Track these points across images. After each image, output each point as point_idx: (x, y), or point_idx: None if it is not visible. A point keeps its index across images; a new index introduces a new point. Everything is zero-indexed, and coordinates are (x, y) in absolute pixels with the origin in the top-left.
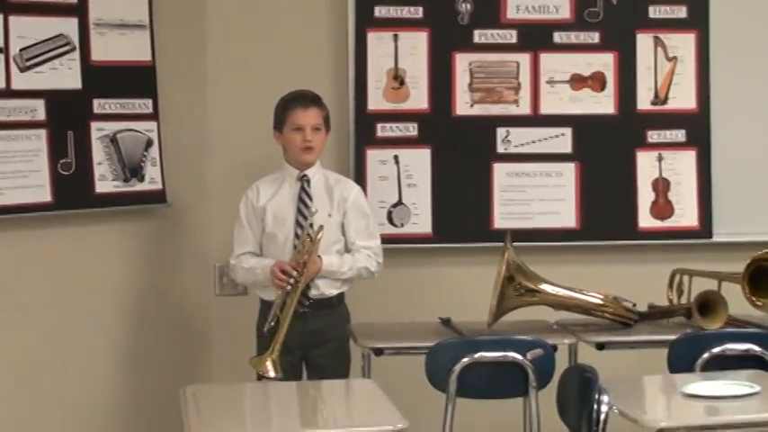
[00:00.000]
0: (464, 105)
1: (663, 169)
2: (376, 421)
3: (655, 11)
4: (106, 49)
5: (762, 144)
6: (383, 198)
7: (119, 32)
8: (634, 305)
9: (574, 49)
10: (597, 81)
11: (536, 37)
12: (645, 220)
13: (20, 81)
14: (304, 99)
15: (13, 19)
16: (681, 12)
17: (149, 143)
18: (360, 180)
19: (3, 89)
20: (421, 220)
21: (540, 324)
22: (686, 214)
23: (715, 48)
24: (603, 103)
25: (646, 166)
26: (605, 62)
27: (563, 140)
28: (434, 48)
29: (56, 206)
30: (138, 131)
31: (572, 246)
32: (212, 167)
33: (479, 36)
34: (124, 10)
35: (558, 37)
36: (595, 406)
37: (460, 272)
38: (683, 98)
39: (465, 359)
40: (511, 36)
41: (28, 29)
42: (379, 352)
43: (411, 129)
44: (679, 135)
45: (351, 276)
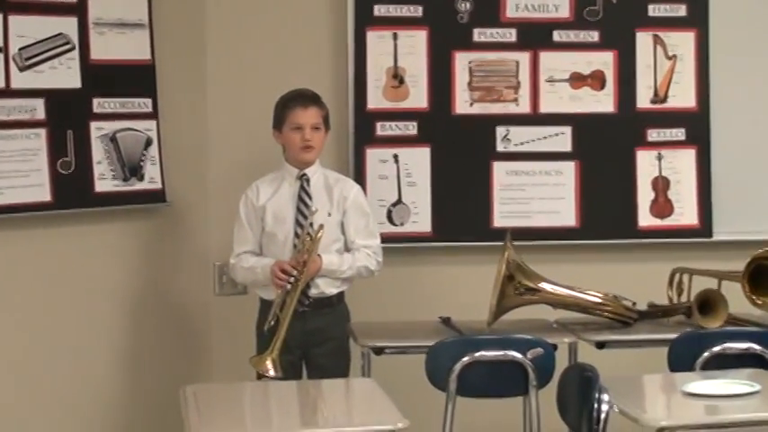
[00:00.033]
0: (464, 104)
1: (662, 168)
2: (376, 420)
3: (654, 9)
4: (106, 49)
5: (761, 142)
6: (383, 197)
7: (118, 31)
8: (634, 304)
9: (573, 48)
10: (597, 80)
11: (535, 36)
12: (645, 219)
13: (19, 80)
14: (303, 98)
15: (13, 18)
16: (680, 10)
17: (149, 142)
18: (359, 179)
19: (2, 88)
20: (420, 219)
21: (540, 323)
22: (686, 213)
23: (715, 46)
24: (603, 102)
25: (645, 165)
26: (605, 61)
27: (563, 139)
28: (434, 46)
29: (55, 205)
30: (138, 131)
31: (572, 244)
32: (212, 167)
33: (479, 35)
34: (123, 9)
35: (558, 35)
36: (596, 405)
37: (460, 271)
38: (683, 97)
39: (465, 358)
40: (510, 35)
41: (27, 28)
42: (379, 351)
43: (411, 127)
44: (679, 134)
45: (351, 275)
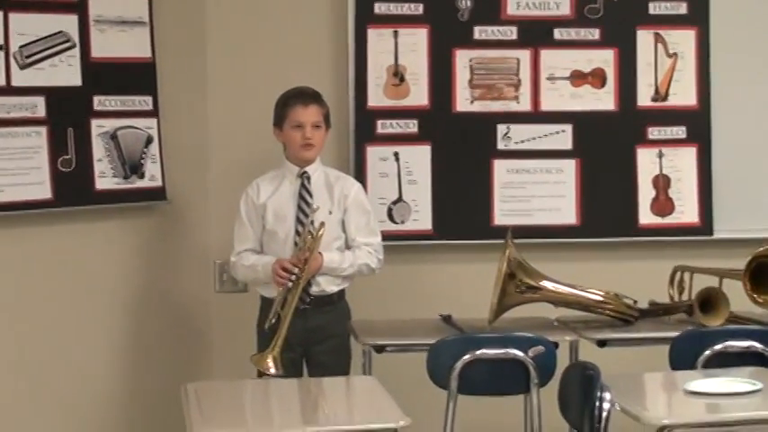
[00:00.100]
0: (464, 102)
1: (663, 166)
2: (378, 418)
3: (655, 7)
4: (106, 46)
5: (762, 140)
6: (383, 195)
7: (119, 29)
8: (635, 302)
9: (574, 46)
10: (597, 77)
11: (536, 33)
12: (645, 217)
13: (20, 78)
14: (304, 96)
15: (13, 16)
16: (681, 8)
17: (149, 140)
18: (360, 177)
19: (3, 86)
20: (421, 217)
21: (541, 321)
22: (687, 211)
23: (715, 44)
24: (604, 100)
25: (646, 163)
26: (605, 58)
27: (563, 137)
28: (434, 44)
29: (56, 203)
30: (139, 128)
31: (572, 242)
32: (212, 164)
33: (479, 32)
34: (124, 7)
35: (559, 33)
36: (597, 403)
37: (461, 268)
38: (684, 95)
39: (466, 356)
40: (511, 32)
41: (28, 26)
42: (380, 349)
43: (411, 125)
44: (679, 132)
45: (351, 273)
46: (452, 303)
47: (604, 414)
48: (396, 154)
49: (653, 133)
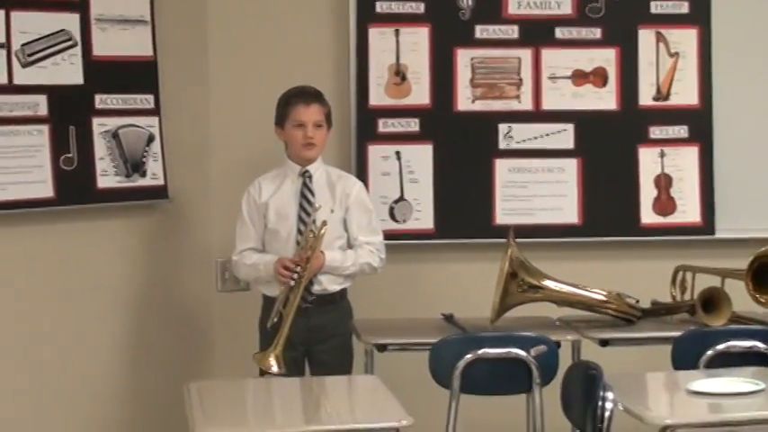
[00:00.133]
0: (466, 101)
1: (665, 165)
2: (380, 418)
3: (656, 6)
4: (108, 45)
5: (764, 140)
6: (385, 194)
7: (120, 28)
8: (637, 301)
9: (575, 45)
10: (599, 77)
11: (537, 32)
12: (647, 217)
13: (22, 76)
14: (305, 95)
15: (15, 14)
16: (683, 7)
17: (151, 138)
18: (361, 176)
19: (5, 84)
20: (423, 216)
21: (543, 320)
22: (689, 210)
23: (717, 43)
24: (605, 99)
25: (648, 162)
26: (607, 58)
27: (565, 136)
28: (436, 43)
29: (58, 201)
30: (140, 127)
31: (574, 242)
32: (214, 163)
33: (481, 31)
34: (125, 5)
35: (560, 32)
36: (600, 403)
37: (462, 268)
38: (686, 94)
39: (468, 355)
40: (512, 31)
41: (30, 24)
42: (382, 348)
43: (413, 124)
44: (681, 131)
45: (353, 272)
46: (454, 302)
47: (607, 414)
48: (397, 153)
49: (655, 133)
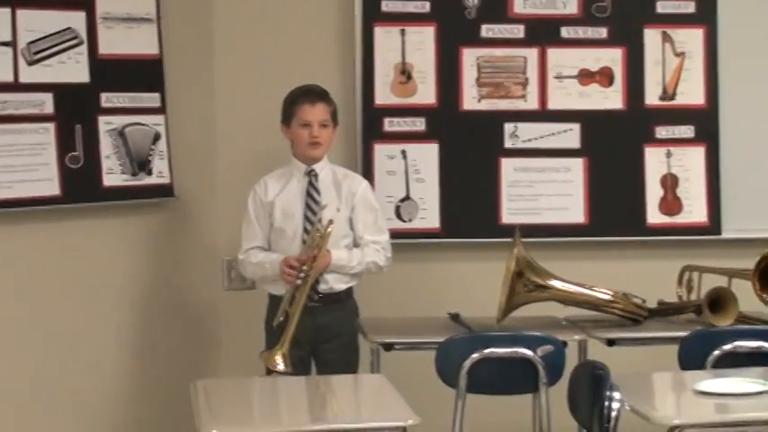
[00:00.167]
0: (471, 100)
1: (671, 165)
2: (386, 417)
3: (663, 6)
4: (114, 43)
5: None
6: (391, 193)
7: (126, 26)
8: (644, 301)
9: (581, 45)
10: (605, 76)
11: (543, 32)
12: (653, 217)
13: (28, 75)
14: (311, 95)
15: (21, 12)
16: (689, 7)
17: (157, 137)
18: (367, 175)
19: (11, 83)
20: (429, 215)
21: (549, 320)
22: (695, 210)
23: (723, 43)
24: (611, 99)
25: (654, 162)
26: (613, 57)
27: (571, 136)
28: (442, 42)
29: (64, 200)
30: (146, 125)
31: (580, 241)
32: (220, 161)
33: (487, 31)
34: (131, 4)
35: (566, 32)
36: (607, 403)
37: (468, 267)
38: (692, 94)
39: (475, 355)
40: (518, 31)
41: (36, 22)
42: (388, 347)
43: (418, 123)
44: (687, 131)
45: (360, 271)
46: (460, 302)
47: (614, 413)
48: (403, 152)
49: (661, 132)
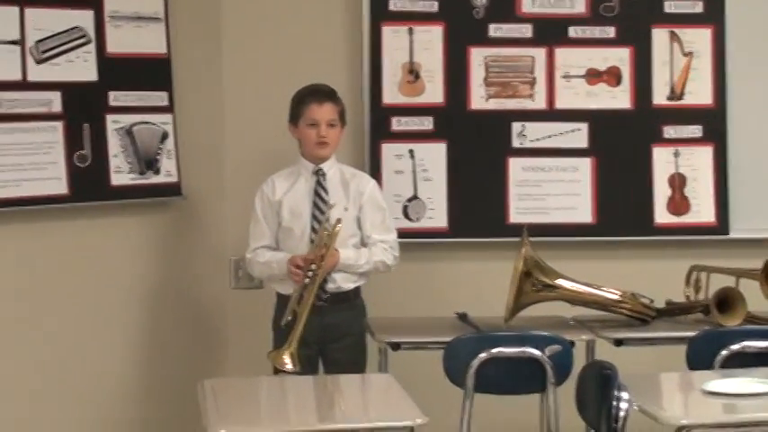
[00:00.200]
0: (479, 99)
1: (679, 165)
2: (394, 416)
3: (670, 5)
4: (122, 42)
5: None
6: (399, 192)
7: (134, 25)
8: (651, 301)
9: (589, 44)
10: (613, 76)
11: (551, 31)
12: (661, 216)
13: (36, 73)
14: (319, 94)
15: (29, 11)
16: (697, 6)
17: (165, 136)
18: (375, 174)
19: (19, 81)
20: (436, 215)
21: (557, 320)
22: (703, 210)
23: (731, 43)
24: (619, 98)
25: (662, 162)
26: (621, 57)
27: (579, 135)
28: (450, 42)
29: (72, 198)
30: (154, 124)
31: (588, 241)
32: (228, 160)
33: (494, 30)
34: (140, 3)
35: (574, 31)
36: (615, 403)
37: (476, 266)
38: (700, 93)
39: (483, 354)
40: (526, 30)
41: (44, 21)
42: (396, 347)
43: (426, 123)
44: (695, 130)
45: (367, 270)
46: (468, 301)
47: (622, 414)
48: (411, 151)
49: (669, 132)
